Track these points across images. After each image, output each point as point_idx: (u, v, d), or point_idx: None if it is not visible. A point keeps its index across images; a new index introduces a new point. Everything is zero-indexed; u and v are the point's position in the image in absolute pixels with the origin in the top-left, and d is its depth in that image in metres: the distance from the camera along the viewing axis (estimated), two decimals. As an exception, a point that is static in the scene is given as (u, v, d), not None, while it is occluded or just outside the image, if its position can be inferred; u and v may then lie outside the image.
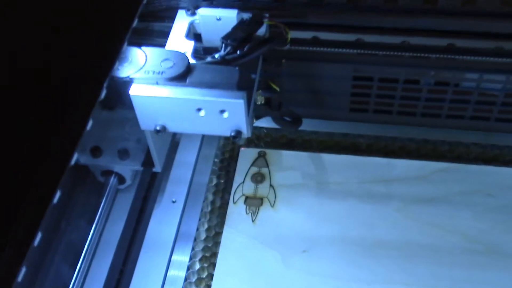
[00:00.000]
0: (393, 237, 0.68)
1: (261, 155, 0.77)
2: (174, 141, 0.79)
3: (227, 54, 0.52)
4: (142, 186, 0.71)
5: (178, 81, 0.51)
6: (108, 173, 0.71)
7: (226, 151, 0.78)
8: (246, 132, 0.52)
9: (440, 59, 0.68)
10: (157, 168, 0.69)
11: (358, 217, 0.70)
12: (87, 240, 0.65)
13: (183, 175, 0.76)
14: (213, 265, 0.67)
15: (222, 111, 0.50)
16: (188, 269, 0.67)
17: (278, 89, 0.62)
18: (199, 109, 0.51)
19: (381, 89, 0.76)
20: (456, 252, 0.66)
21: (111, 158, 0.70)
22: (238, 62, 0.52)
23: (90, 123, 0.43)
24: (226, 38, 0.56)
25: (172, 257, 0.68)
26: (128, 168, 0.71)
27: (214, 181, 0.75)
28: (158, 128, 0.52)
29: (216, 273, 0.66)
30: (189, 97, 0.49)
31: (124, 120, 0.72)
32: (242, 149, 0.77)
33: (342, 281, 0.64)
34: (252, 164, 0.76)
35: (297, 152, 0.77)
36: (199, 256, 0.68)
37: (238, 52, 0.53)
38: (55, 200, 0.42)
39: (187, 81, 0.51)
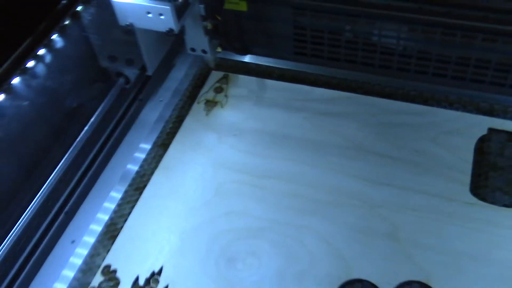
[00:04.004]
0: (297, 135, 0.98)
1: (225, 76, 1.09)
2: (171, 64, 1.14)
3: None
4: (137, 84, 1.06)
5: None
6: (120, 74, 1.07)
7: (203, 71, 1.11)
8: (176, 29, 0.85)
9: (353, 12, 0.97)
10: (149, 72, 1.04)
11: (277, 120, 1.01)
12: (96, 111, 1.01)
13: (172, 84, 1.10)
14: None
15: (160, 14, 0.84)
16: (158, 136, 1.01)
17: (219, 18, 0.95)
18: (148, 12, 0.84)
19: (313, 37, 1.06)
20: (334, 147, 0.95)
21: (122, 63, 1.05)
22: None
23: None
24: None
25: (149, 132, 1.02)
26: (132, 72, 1.06)
27: (190, 89, 1.09)
28: (127, 23, 0.87)
29: (173, 142, 0.99)
30: (141, 3, 0.84)
31: (132, 40, 1.07)
32: (213, 71, 1.11)
33: (259, 157, 0.95)
34: (217, 81, 1.08)
35: (250, 76, 1.09)
36: (167, 131, 1.02)
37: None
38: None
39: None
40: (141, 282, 0.82)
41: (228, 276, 0.81)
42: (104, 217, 0.90)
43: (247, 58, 1.12)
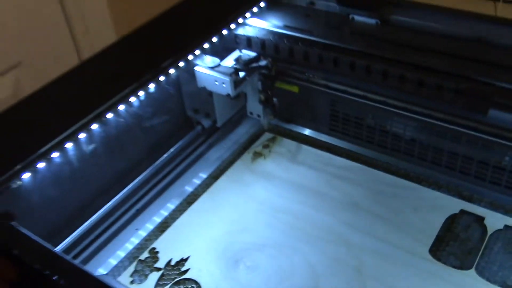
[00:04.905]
0: (313, 187, 1.29)
1: (273, 137, 1.44)
2: (238, 122, 1.51)
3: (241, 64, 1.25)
4: (209, 131, 1.43)
5: (213, 69, 1.24)
6: (198, 123, 1.46)
7: (259, 131, 1.47)
8: (232, 94, 1.22)
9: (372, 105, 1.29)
10: (218, 124, 1.41)
11: (301, 175, 1.33)
12: (175, 145, 1.40)
13: (235, 137, 1.47)
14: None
15: (223, 83, 1.21)
16: (214, 170, 1.37)
17: (269, 92, 1.31)
18: (215, 81, 1.23)
19: (343, 119, 1.38)
20: (337, 200, 1.25)
21: (202, 115, 1.44)
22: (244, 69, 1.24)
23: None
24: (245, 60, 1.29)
25: (208, 166, 1.38)
26: (207, 122, 1.44)
27: (246, 142, 1.44)
28: (201, 86, 1.25)
29: (223, 176, 1.34)
30: (212, 74, 1.22)
31: (211, 99, 1.45)
32: (266, 132, 1.46)
33: (280, 198, 1.28)
34: (267, 140, 1.44)
35: (291, 140, 1.43)
36: (221, 168, 1.37)
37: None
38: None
39: (216, 70, 1.24)
40: (173, 263, 1.15)
41: (231, 271, 1.13)
42: (160, 217, 1.27)
43: (292, 127, 1.47)
